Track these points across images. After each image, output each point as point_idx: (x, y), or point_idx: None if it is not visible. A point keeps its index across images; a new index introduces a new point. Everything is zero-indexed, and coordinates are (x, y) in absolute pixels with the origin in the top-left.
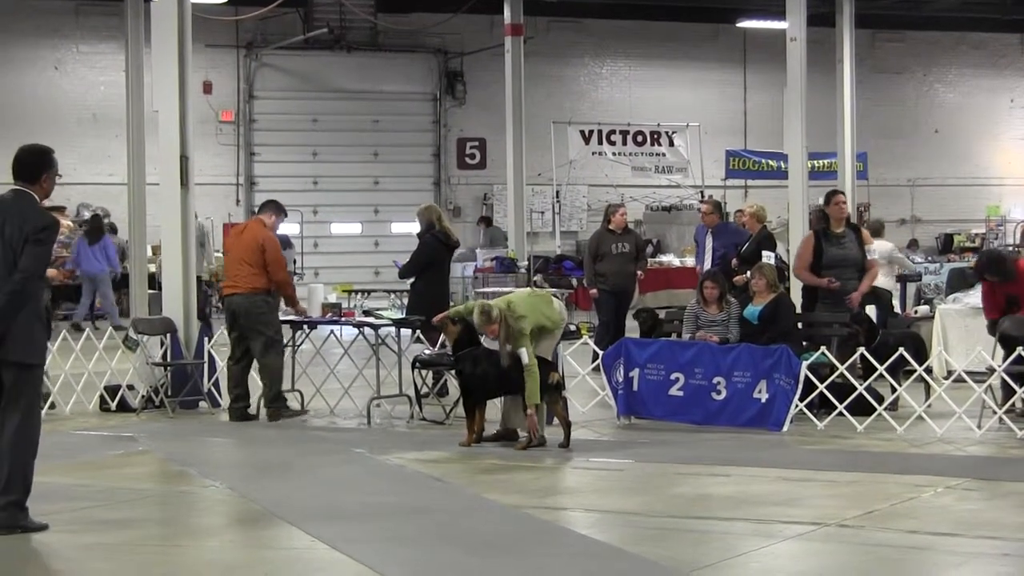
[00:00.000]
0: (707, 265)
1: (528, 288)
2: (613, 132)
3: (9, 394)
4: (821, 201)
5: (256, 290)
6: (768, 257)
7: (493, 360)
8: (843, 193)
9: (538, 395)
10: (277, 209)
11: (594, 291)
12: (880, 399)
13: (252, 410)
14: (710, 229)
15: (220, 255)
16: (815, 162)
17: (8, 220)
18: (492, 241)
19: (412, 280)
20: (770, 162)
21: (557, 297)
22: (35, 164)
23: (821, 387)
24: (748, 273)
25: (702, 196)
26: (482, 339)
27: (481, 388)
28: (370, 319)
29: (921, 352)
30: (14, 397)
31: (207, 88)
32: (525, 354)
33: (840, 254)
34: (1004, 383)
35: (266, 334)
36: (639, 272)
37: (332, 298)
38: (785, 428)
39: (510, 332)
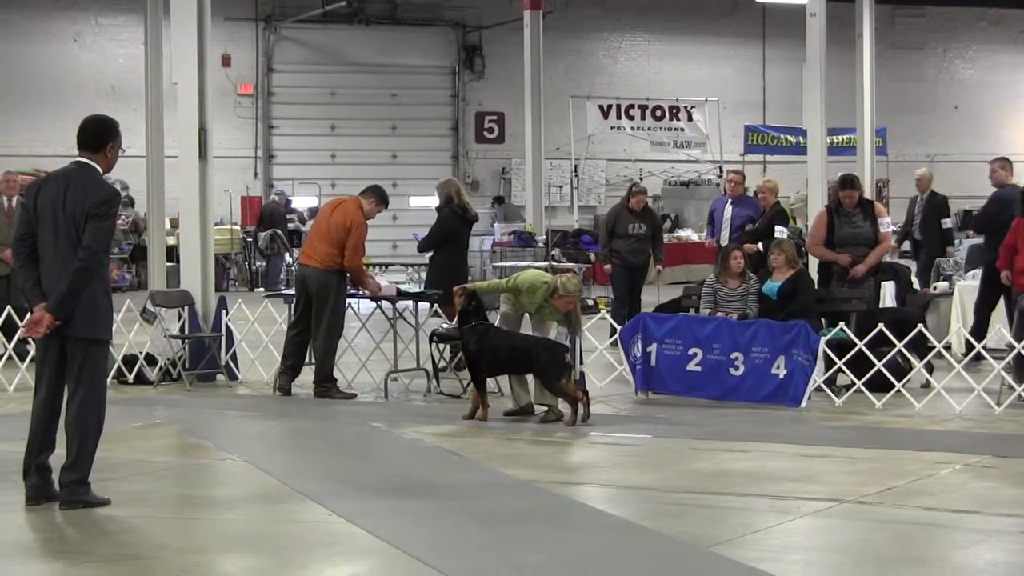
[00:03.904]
0: (724, 235)
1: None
2: (632, 107)
3: (75, 370)
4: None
5: (329, 268)
6: (781, 232)
7: (500, 336)
8: (854, 187)
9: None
10: (380, 198)
11: (607, 266)
12: (907, 370)
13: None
14: (731, 199)
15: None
16: (834, 138)
17: (70, 193)
18: (506, 217)
19: (430, 254)
20: (789, 137)
21: (575, 273)
22: (100, 133)
23: (840, 363)
24: (759, 245)
25: (720, 171)
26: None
27: (488, 363)
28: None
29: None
30: (79, 373)
31: (226, 61)
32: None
33: (852, 231)
34: (1018, 359)
35: (329, 313)
36: (658, 267)
37: None
38: (803, 404)
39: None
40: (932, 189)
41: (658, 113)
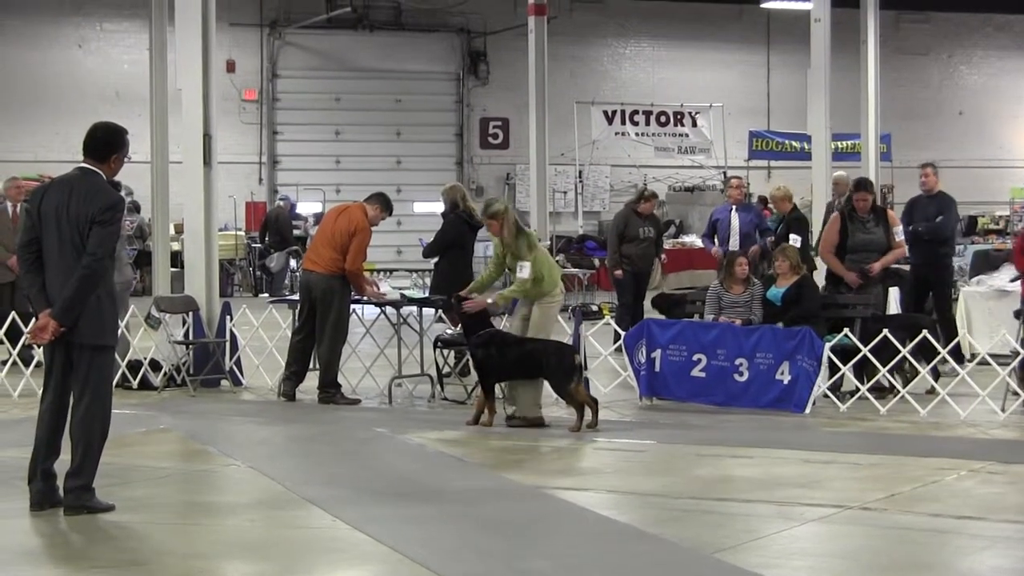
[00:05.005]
0: (733, 242)
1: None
2: (636, 112)
3: (80, 375)
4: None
5: (334, 273)
6: (795, 240)
7: (508, 341)
8: (868, 190)
9: (508, 298)
10: (385, 205)
11: (619, 272)
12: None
13: (300, 389)
14: (735, 206)
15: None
16: (839, 143)
17: (73, 199)
18: None
19: (435, 260)
20: (793, 143)
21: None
22: (106, 143)
23: (844, 369)
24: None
25: (725, 177)
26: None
27: (497, 369)
28: (392, 297)
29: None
30: (85, 379)
31: (230, 67)
32: (527, 269)
33: (865, 238)
34: (1022, 365)
35: (334, 319)
36: (662, 256)
37: None
38: (807, 410)
39: (514, 238)
40: (849, 194)
41: (662, 119)
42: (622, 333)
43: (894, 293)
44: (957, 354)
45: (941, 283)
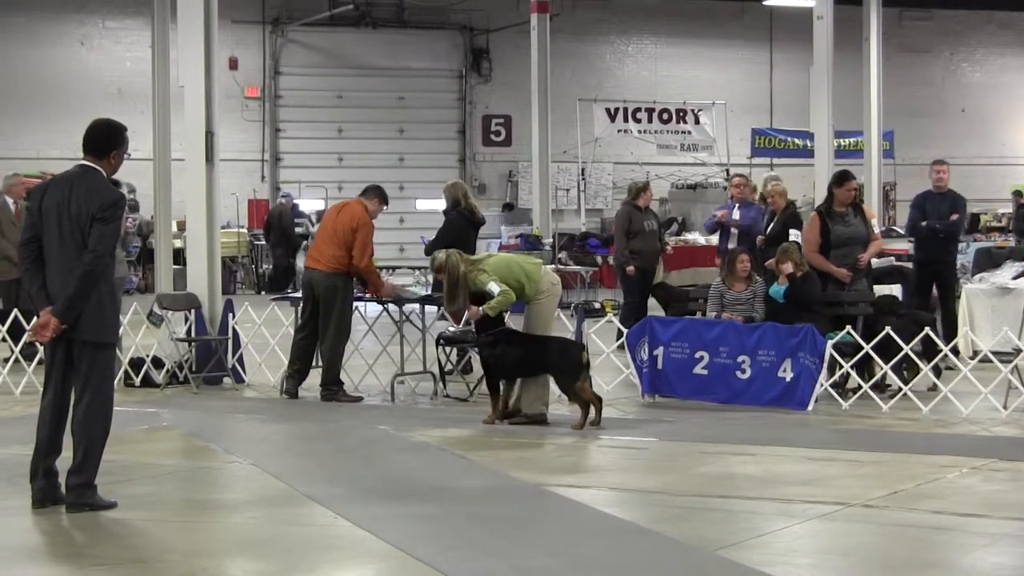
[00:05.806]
0: (732, 240)
1: (524, 255)
2: (639, 110)
3: (82, 373)
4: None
5: (336, 271)
6: (796, 236)
7: (515, 340)
8: (855, 178)
9: (493, 311)
10: (382, 197)
11: (631, 268)
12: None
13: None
14: (738, 203)
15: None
16: (841, 141)
17: (74, 197)
18: (513, 221)
19: None
20: (796, 140)
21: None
22: (106, 139)
23: (847, 367)
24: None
25: (727, 174)
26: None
27: (502, 367)
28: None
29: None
30: (87, 376)
31: (233, 64)
32: (495, 286)
33: (847, 232)
34: None
35: (336, 316)
36: (668, 247)
37: None
38: (810, 407)
39: (460, 280)
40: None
41: (665, 116)
42: (624, 331)
43: (897, 291)
44: (953, 350)
45: (949, 280)
